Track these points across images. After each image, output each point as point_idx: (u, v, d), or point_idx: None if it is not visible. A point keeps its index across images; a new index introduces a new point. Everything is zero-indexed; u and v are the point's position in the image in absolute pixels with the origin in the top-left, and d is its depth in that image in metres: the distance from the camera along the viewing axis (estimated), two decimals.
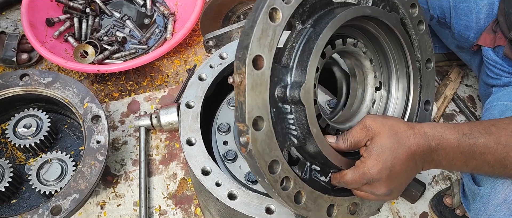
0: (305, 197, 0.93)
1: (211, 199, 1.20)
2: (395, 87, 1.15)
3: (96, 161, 1.56)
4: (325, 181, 1.00)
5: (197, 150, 1.20)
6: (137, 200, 1.71)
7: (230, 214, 1.20)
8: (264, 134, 0.84)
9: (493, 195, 1.06)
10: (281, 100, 0.88)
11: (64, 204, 1.48)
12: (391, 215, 1.71)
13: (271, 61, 0.83)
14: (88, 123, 1.62)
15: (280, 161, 0.87)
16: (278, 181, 0.88)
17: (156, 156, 1.82)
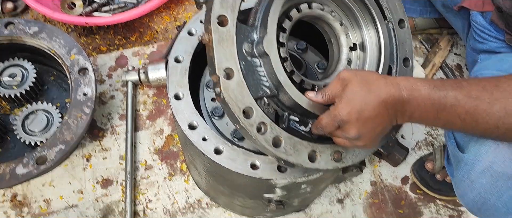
0: (283, 141, 0.98)
1: (197, 154, 1.21)
2: (369, 46, 1.16)
3: (83, 113, 1.55)
4: (305, 131, 1.04)
5: (184, 104, 1.20)
6: (123, 154, 1.72)
7: (216, 169, 1.21)
8: (235, 83, 0.94)
9: (477, 162, 1.07)
10: (250, 55, 0.98)
11: (49, 154, 1.49)
12: (373, 178, 1.75)
13: (235, 20, 0.95)
14: (75, 75, 1.60)
15: (254, 108, 0.95)
16: (254, 125, 0.95)
17: (143, 111, 1.82)
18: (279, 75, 0.97)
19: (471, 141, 1.11)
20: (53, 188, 1.66)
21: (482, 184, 1.07)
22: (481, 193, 1.08)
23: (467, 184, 1.11)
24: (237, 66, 0.95)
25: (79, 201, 1.65)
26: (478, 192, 1.09)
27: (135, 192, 1.67)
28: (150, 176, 1.71)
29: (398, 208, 1.71)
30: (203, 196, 1.68)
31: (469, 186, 1.10)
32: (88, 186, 1.67)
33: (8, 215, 1.62)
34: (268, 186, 1.19)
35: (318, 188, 1.42)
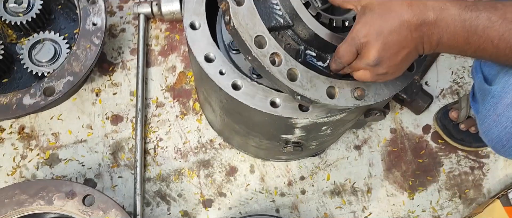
0: (299, 75, 0.91)
1: (213, 89, 1.13)
2: None
3: (92, 44, 1.47)
4: (323, 66, 0.97)
5: (201, 34, 1.11)
6: (133, 90, 1.65)
7: (233, 106, 1.14)
8: (245, 9, 0.89)
9: (505, 94, 1.00)
10: None
11: (57, 85, 1.42)
12: (394, 125, 1.67)
13: None
14: (84, 3, 1.51)
15: (267, 37, 0.89)
16: (267, 56, 0.89)
17: (155, 46, 1.73)
18: (293, 1, 0.92)
19: (500, 73, 1.03)
20: (62, 122, 1.61)
21: (509, 117, 1.00)
22: (507, 128, 1.01)
23: (493, 118, 1.04)
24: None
25: (88, 136, 1.60)
26: (504, 127, 1.02)
27: (145, 129, 1.62)
28: (162, 114, 1.64)
29: (418, 157, 1.64)
30: (216, 136, 1.62)
31: (495, 121, 1.03)
32: (98, 122, 1.62)
33: (16, 147, 1.58)
34: (288, 125, 1.12)
35: (338, 130, 1.34)
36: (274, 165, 1.60)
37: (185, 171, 1.59)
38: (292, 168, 1.60)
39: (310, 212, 1.57)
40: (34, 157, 1.57)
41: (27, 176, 1.55)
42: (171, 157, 1.60)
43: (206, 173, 1.59)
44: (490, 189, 1.62)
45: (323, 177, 1.60)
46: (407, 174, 1.62)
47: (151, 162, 1.59)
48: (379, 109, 1.22)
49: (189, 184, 1.58)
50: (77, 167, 1.57)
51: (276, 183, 1.59)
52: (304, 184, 1.59)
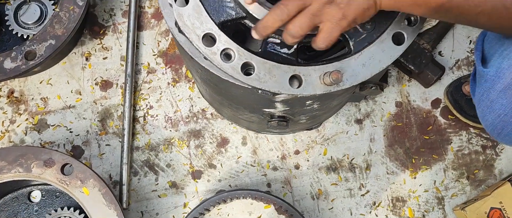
0: (256, 67, 0.86)
1: (188, 58, 1.04)
2: None
3: (75, 6, 1.40)
4: (288, 53, 0.90)
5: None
6: (124, 55, 1.58)
7: (208, 76, 1.05)
8: (191, 9, 0.86)
9: (497, 79, 0.90)
10: None
11: (39, 49, 1.36)
12: (400, 98, 1.55)
13: None
14: None
15: (216, 33, 0.86)
16: (217, 53, 0.86)
17: (149, 8, 1.64)
18: None
19: (496, 53, 0.92)
20: (51, 87, 1.57)
21: (502, 104, 0.90)
22: (500, 116, 0.92)
23: (487, 104, 0.94)
24: None
25: (77, 102, 1.55)
26: (497, 114, 0.92)
27: (135, 96, 1.55)
28: (153, 81, 1.57)
29: (424, 134, 1.52)
30: (208, 106, 1.55)
31: (489, 107, 0.94)
32: (87, 87, 1.57)
33: (4, 111, 1.55)
34: (266, 99, 1.03)
35: (329, 105, 1.23)
36: (268, 138, 1.52)
37: (175, 140, 1.53)
38: (287, 142, 1.52)
39: (303, 188, 1.49)
40: (23, 121, 1.54)
41: (16, 141, 1.53)
42: (161, 126, 1.54)
43: (197, 143, 1.52)
44: (502, 170, 1.49)
45: (319, 152, 1.51)
46: (411, 151, 1.51)
47: (140, 130, 1.53)
48: (375, 82, 1.11)
49: (178, 154, 1.52)
50: (65, 133, 1.53)
51: (268, 157, 1.51)
52: (299, 158, 1.51)
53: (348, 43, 0.93)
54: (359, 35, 0.93)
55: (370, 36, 0.93)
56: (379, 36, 0.93)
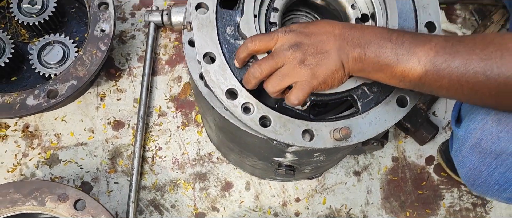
0: (272, 121, 0.96)
1: (207, 106, 1.13)
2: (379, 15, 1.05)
3: (98, 50, 1.49)
4: (301, 110, 1.00)
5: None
6: (138, 97, 1.67)
7: (225, 124, 1.13)
8: (217, 66, 0.95)
9: (467, 138, 1.00)
10: (233, 38, 0.98)
11: (61, 88, 1.44)
12: (396, 154, 1.64)
13: (215, 6, 0.98)
14: (95, 9, 1.53)
15: (238, 89, 0.95)
16: (238, 106, 0.95)
17: (163, 55, 1.74)
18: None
19: (466, 116, 1.03)
20: (65, 123, 1.64)
21: (472, 160, 1.01)
22: (471, 170, 1.02)
23: (459, 159, 1.05)
24: (219, 50, 0.96)
25: (89, 140, 1.62)
26: (468, 168, 1.03)
27: (146, 137, 1.63)
28: (163, 123, 1.65)
29: (418, 189, 1.60)
30: (214, 150, 1.62)
31: (461, 161, 1.04)
32: (100, 126, 1.64)
33: (18, 145, 1.61)
34: (278, 148, 1.11)
35: (333, 157, 1.32)
36: (270, 184, 1.59)
37: (181, 182, 1.59)
38: (288, 189, 1.59)
39: None
40: (35, 155, 1.60)
41: (27, 174, 1.58)
42: (168, 167, 1.60)
43: (202, 186, 1.59)
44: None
45: (319, 201, 1.58)
46: (406, 205, 1.58)
47: (148, 170, 1.60)
48: (377, 138, 1.20)
49: (183, 195, 1.58)
50: (76, 169, 1.59)
51: (270, 203, 1.57)
52: (299, 206, 1.57)
53: (356, 103, 1.03)
54: (366, 97, 1.02)
55: (376, 98, 1.03)
56: (385, 98, 1.03)
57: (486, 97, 0.85)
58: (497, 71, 0.80)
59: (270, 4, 1.03)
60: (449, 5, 1.83)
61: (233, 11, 1.00)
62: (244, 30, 0.96)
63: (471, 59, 0.82)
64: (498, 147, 0.94)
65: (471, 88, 0.84)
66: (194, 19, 0.97)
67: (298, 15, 1.23)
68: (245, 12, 0.97)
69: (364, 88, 1.01)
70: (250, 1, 0.98)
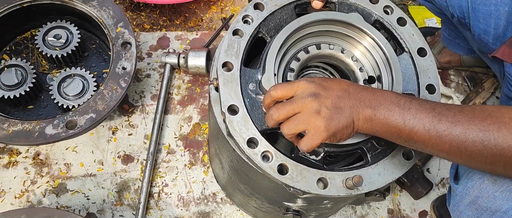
0: (289, 169, 1.03)
1: (226, 148, 1.20)
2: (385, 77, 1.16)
3: (119, 87, 1.56)
4: (316, 159, 1.08)
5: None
6: (148, 134, 1.73)
7: (242, 167, 1.20)
8: (239, 117, 1.05)
9: (465, 195, 1.08)
10: (255, 93, 1.09)
11: (80, 120, 1.50)
12: (391, 206, 1.72)
13: (239, 64, 1.09)
14: (118, 47, 1.62)
15: (258, 139, 1.04)
16: (258, 154, 1.03)
17: (176, 95, 1.82)
18: None
19: (464, 174, 1.12)
20: (76, 154, 1.68)
21: (469, 216, 1.08)
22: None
23: (457, 214, 1.12)
24: (242, 103, 1.06)
25: (98, 172, 1.66)
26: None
27: (153, 173, 1.68)
28: (171, 161, 1.71)
29: None
30: (219, 190, 1.67)
31: (458, 216, 1.12)
32: (109, 159, 1.69)
33: (28, 171, 1.64)
34: (292, 193, 1.18)
35: (338, 205, 1.40)
36: None
37: None
38: None
39: None
40: (44, 183, 1.63)
41: (33, 202, 1.60)
42: (173, 204, 1.65)
43: None
44: None
45: None
46: None
47: (154, 205, 1.64)
48: (380, 190, 1.28)
49: None
50: (82, 200, 1.62)
51: None
52: None
53: (366, 155, 1.12)
54: (375, 150, 1.12)
55: (384, 151, 1.12)
56: (392, 151, 1.12)
57: (482, 163, 0.94)
58: (494, 142, 0.89)
59: (287, 66, 1.15)
60: (444, 70, 1.97)
61: (255, 70, 1.11)
62: (265, 86, 1.06)
63: (470, 129, 0.91)
64: (494, 205, 1.02)
65: (469, 155, 0.93)
66: (220, 75, 1.08)
67: (312, 73, 1.34)
68: (267, 71, 1.06)
69: (373, 141, 1.11)
70: (271, 62, 1.08)
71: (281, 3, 1.17)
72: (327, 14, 1.16)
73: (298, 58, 1.15)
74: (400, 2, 2.20)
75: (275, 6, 1.17)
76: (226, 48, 1.11)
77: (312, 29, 1.16)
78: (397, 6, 1.23)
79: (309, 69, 1.31)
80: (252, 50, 1.16)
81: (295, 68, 1.15)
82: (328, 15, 1.15)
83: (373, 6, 1.22)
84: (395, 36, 1.21)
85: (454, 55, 1.88)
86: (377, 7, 1.22)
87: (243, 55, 1.11)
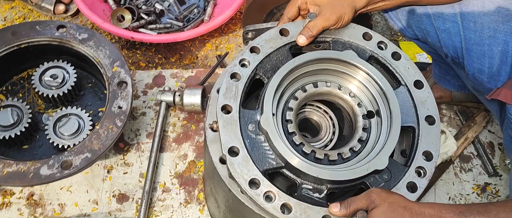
0: (293, 208, 1.03)
1: (222, 188, 1.20)
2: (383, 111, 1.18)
3: (114, 126, 1.57)
4: (319, 197, 1.08)
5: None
6: (144, 172, 1.72)
7: (238, 207, 1.20)
8: (240, 159, 1.05)
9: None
10: (254, 133, 1.09)
11: (75, 160, 1.50)
12: None
13: (238, 106, 1.10)
14: (114, 86, 1.63)
15: (260, 179, 1.03)
16: (261, 195, 1.03)
17: (171, 133, 1.83)
18: (279, 148, 1.05)
19: None
20: (70, 194, 1.67)
21: None
22: None
23: None
24: (242, 144, 1.06)
25: (92, 211, 1.65)
26: None
27: (148, 212, 1.66)
28: (166, 199, 1.70)
29: None
30: None
31: None
32: (104, 198, 1.67)
33: (21, 213, 1.62)
34: None
35: None
36: None
37: None
38: None
39: None
40: None
41: None
42: None
43: None
44: None
45: None
46: None
47: None
48: None
49: None
50: None
51: None
52: None
53: None
54: (378, 184, 1.11)
55: (388, 185, 1.11)
56: (396, 184, 1.11)
57: None
58: None
59: (285, 105, 1.17)
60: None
61: (253, 111, 1.12)
62: (264, 126, 1.07)
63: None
64: None
65: None
66: (220, 118, 1.09)
67: (310, 110, 1.35)
68: (265, 111, 1.08)
69: (375, 176, 1.11)
70: (268, 102, 1.10)
71: (276, 45, 1.20)
72: (322, 53, 1.19)
73: (296, 97, 1.17)
74: (391, 38, 2.25)
75: (271, 49, 1.20)
76: (224, 92, 1.12)
77: (308, 68, 1.18)
78: (390, 42, 1.26)
79: (304, 107, 1.33)
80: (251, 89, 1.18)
81: (294, 107, 1.17)
82: (323, 54, 1.18)
83: (367, 42, 1.25)
84: (391, 71, 1.24)
85: (445, 91, 1.91)
86: (371, 43, 1.25)
87: (241, 98, 1.12)
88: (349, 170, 1.06)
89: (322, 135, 1.28)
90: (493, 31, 1.38)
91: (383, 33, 2.21)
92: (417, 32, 1.53)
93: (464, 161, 1.89)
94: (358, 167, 1.07)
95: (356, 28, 1.27)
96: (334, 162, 1.11)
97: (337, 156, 1.11)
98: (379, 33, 1.29)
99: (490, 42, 1.37)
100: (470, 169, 1.87)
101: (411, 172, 1.11)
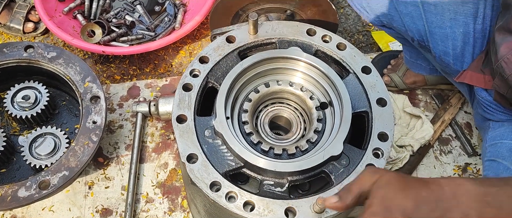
0: (255, 204, 1.05)
1: (198, 193, 1.20)
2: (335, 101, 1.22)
3: (90, 141, 1.56)
4: (281, 191, 1.10)
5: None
6: (125, 185, 1.72)
7: (215, 210, 1.20)
8: (200, 164, 1.09)
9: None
10: (211, 138, 1.13)
11: (52, 179, 1.49)
12: None
13: (192, 115, 1.15)
14: (87, 102, 1.62)
15: (221, 181, 1.07)
16: (222, 196, 1.06)
17: (150, 143, 1.82)
18: (235, 148, 1.09)
19: None
20: (52, 213, 1.66)
21: None
22: None
23: None
24: (199, 150, 1.10)
25: None
26: None
27: None
28: (150, 210, 1.70)
29: None
30: None
31: None
32: (88, 214, 1.67)
33: None
34: None
35: None
36: None
37: None
38: None
39: None
40: None
41: None
42: None
43: None
44: None
45: None
46: None
47: None
48: None
49: None
50: None
51: None
52: None
53: (329, 177, 1.13)
54: (337, 170, 1.13)
55: (347, 170, 1.13)
56: (355, 168, 1.13)
57: None
58: None
59: (241, 107, 1.22)
60: (411, 91, 2.02)
61: (209, 117, 1.17)
62: (218, 129, 1.10)
63: None
64: None
65: None
66: (175, 128, 1.13)
67: (281, 107, 1.36)
68: (218, 115, 1.12)
69: (334, 163, 1.13)
70: (221, 106, 1.14)
71: (225, 52, 1.25)
72: (268, 52, 1.24)
73: (250, 98, 1.22)
74: (363, 29, 2.26)
75: (220, 56, 1.24)
76: (178, 103, 1.17)
77: (258, 70, 1.23)
78: (334, 34, 1.29)
79: (275, 105, 1.34)
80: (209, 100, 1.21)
81: (249, 109, 1.21)
82: (269, 53, 1.23)
83: (311, 38, 1.30)
84: (338, 61, 1.28)
85: (418, 76, 1.93)
86: (316, 38, 1.30)
87: (195, 106, 1.17)
88: (305, 160, 1.09)
89: (293, 131, 1.29)
90: (454, 13, 1.40)
91: (354, 25, 2.23)
92: (382, 18, 1.55)
93: (443, 143, 1.91)
94: (314, 156, 1.09)
95: (299, 25, 1.32)
96: (293, 155, 1.15)
97: (295, 149, 1.15)
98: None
99: (452, 24, 1.40)
100: (449, 151, 1.89)
101: (368, 154, 1.14)
